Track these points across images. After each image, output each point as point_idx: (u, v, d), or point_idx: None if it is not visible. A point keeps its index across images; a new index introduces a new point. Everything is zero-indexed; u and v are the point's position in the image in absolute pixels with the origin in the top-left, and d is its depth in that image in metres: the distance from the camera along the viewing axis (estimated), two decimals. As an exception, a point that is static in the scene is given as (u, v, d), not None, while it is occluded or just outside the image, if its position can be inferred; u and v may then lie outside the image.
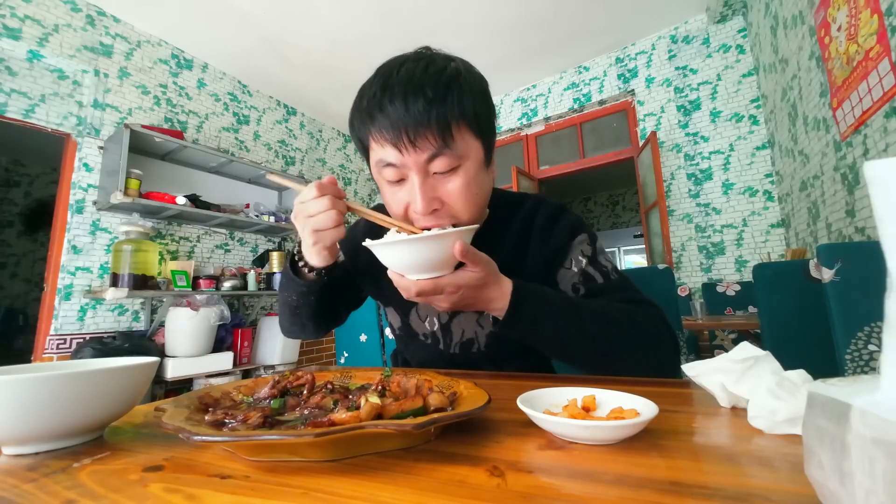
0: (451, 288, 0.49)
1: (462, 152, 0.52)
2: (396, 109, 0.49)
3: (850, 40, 1.58)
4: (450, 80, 0.51)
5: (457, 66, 0.54)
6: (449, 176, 0.53)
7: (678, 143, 2.95)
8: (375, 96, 0.51)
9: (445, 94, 0.50)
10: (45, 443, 0.32)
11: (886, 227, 0.15)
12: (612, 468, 0.24)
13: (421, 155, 0.50)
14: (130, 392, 0.35)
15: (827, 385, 0.17)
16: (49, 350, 2.20)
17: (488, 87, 0.58)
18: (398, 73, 0.51)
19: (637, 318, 0.56)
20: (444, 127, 0.50)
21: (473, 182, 0.54)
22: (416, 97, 0.49)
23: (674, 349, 0.57)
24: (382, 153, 0.52)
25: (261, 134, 3.46)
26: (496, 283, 0.52)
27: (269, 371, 2.87)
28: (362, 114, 0.53)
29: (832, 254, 0.92)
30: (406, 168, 0.52)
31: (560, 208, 0.69)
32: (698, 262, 2.81)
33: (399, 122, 0.49)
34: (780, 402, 0.29)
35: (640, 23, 3.02)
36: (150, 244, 2.42)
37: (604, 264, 0.64)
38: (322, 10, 2.68)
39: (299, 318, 0.68)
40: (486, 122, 0.56)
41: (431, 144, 0.50)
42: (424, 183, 0.52)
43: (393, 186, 0.54)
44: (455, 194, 0.53)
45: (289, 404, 0.37)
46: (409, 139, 0.49)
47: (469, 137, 0.53)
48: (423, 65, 0.52)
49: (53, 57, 2.32)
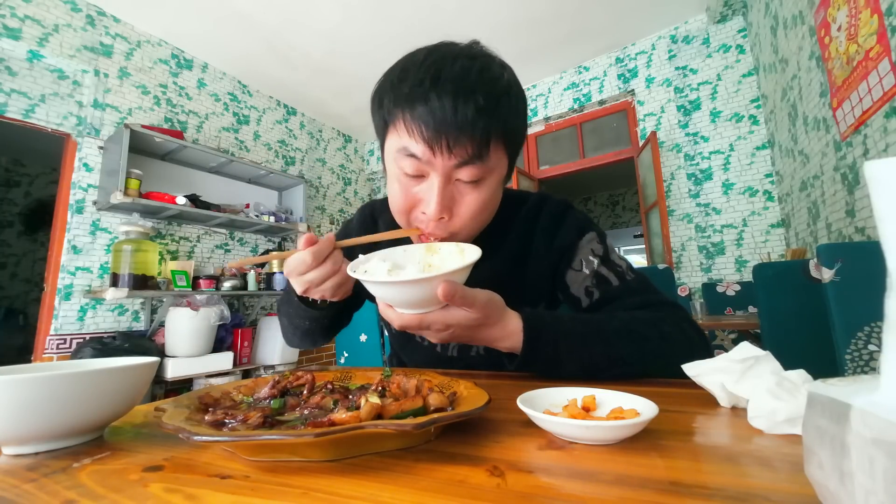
0: (439, 325, 0.44)
1: (491, 166, 0.50)
2: (444, 108, 0.45)
3: (850, 40, 1.58)
4: (503, 92, 0.49)
5: (509, 79, 0.51)
6: (471, 187, 0.50)
7: (678, 143, 2.95)
8: (423, 84, 0.46)
9: (496, 107, 0.47)
10: (45, 443, 0.32)
11: (886, 227, 0.15)
12: (612, 468, 0.24)
13: (452, 160, 0.48)
14: (130, 392, 0.35)
15: (827, 385, 0.17)
16: (49, 350, 2.20)
17: (527, 105, 0.56)
18: (453, 66, 0.47)
19: (665, 328, 0.51)
20: (485, 139, 0.47)
21: (490, 198, 0.52)
22: (467, 101, 0.45)
23: (705, 353, 0.51)
24: (408, 143, 0.48)
25: (261, 134, 3.46)
26: (499, 323, 0.46)
27: (269, 371, 2.87)
28: (399, 97, 0.48)
29: (832, 254, 0.92)
30: (431, 168, 0.49)
31: (565, 206, 0.66)
32: (698, 262, 2.81)
33: (442, 123, 0.46)
34: (780, 402, 0.29)
35: (640, 23, 3.02)
36: (150, 244, 2.42)
37: (618, 264, 0.60)
38: (322, 10, 2.68)
39: (311, 337, 0.66)
40: (520, 140, 0.54)
41: (466, 153, 0.47)
42: (445, 189, 0.49)
43: (407, 178, 0.51)
44: (471, 208, 0.51)
45: (289, 404, 0.37)
46: (448, 143, 0.46)
47: (501, 153, 0.51)
48: (478, 66, 0.48)
49: (53, 57, 2.32)
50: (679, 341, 0.51)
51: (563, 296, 0.64)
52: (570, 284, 0.61)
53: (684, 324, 0.54)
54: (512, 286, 0.63)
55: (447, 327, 0.44)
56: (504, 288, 0.66)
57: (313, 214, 3.84)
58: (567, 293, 0.62)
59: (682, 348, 0.50)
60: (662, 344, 0.50)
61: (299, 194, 3.42)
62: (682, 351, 0.49)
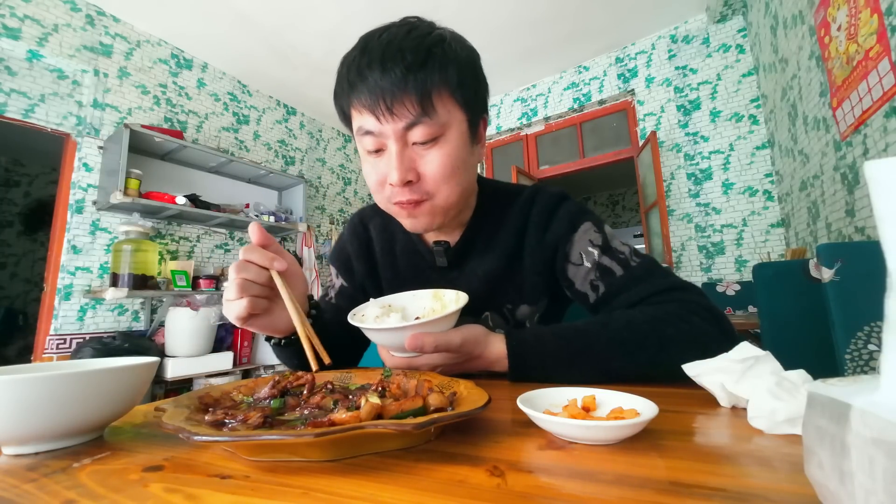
0: (428, 366, 0.47)
1: (443, 121, 0.50)
2: (373, 74, 0.46)
3: (850, 40, 1.58)
4: (432, 44, 0.48)
5: (442, 33, 0.51)
6: (429, 147, 0.50)
7: (678, 142, 2.95)
8: (355, 61, 0.49)
9: (426, 58, 0.47)
10: (46, 443, 0.32)
11: (886, 227, 0.15)
12: (612, 468, 0.24)
13: (398, 123, 0.48)
14: (131, 392, 0.35)
15: (827, 385, 0.17)
16: (49, 350, 2.20)
17: (478, 59, 0.55)
18: (379, 37, 0.49)
19: (668, 330, 0.47)
20: (424, 94, 0.47)
21: (455, 155, 0.51)
22: (394, 62, 0.46)
23: (724, 341, 0.46)
24: (361, 121, 0.50)
25: (261, 134, 3.46)
26: (484, 353, 0.48)
27: (269, 371, 2.87)
28: (342, 80, 0.51)
29: (832, 254, 0.92)
30: (384, 137, 0.49)
31: (558, 198, 0.63)
32: (698, 262, 2.81)
33: (376, 88, 0.46)
34: (779, 402, 0.29)
35: (640, 23, 3.02)
36: (150, 244, 2.42)
37: (620, 250, 0.57)
38: (322, 10, 2.68)
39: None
40: (473, 93, 0.53)
41: (410, 112, 0.47)
42: (402, 153, 0.49)
43: (372, 157, 0.52)
44: (434, 166, 0.50)
45: (289, 404, 0.37)
46: (387, 105, 0.47)
47: (452, 107, 0.51)
48: (405, 29, 0.49)
49: (53, 57, 2.32)
50: (684, 342, 0.47)
51: (571, 293, 0.62)
52: (574, 280, 0.59)
53: (694, 317, 0.49)
54: (509, 283, 0.63)
55: (436, 367, 0.48)
56: (501, 285, 0.65)
57: (313, 214, 3.84)
58: (573, 290, 0.60)
59: (687, 349, 0.45)
60: (660, 353, 0.47)
61: (299, 194, 3.42)
62: (688, 353, 0.42)
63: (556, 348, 0.48)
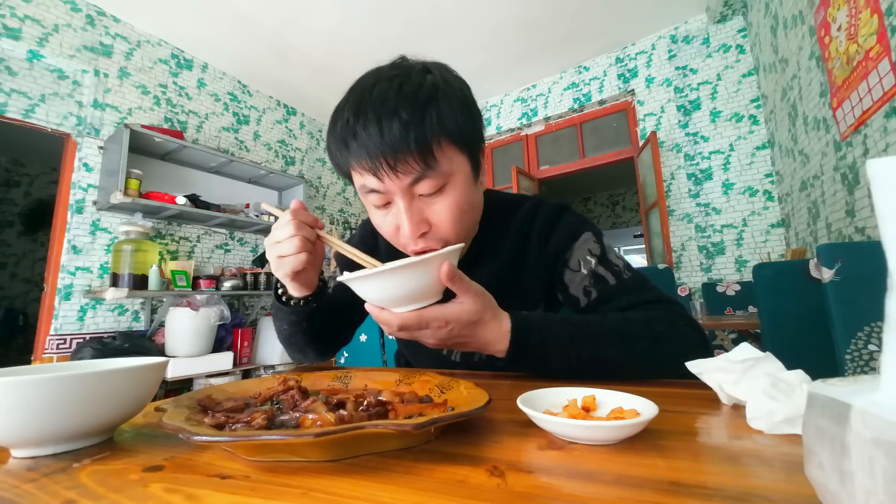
0: (439, 322, 0.44)
1: (447, 170, 0.49)
2: (371, 136, 0.46)
3: (850, 40, 1.58)
4: (427, 98, 0.48)
5: (433, 80, 0.50)
6: (436, 197, 0.50)
7: (678, 142, 2.95)
8: (349, 123, 0.48)
9: (423, 113, 0.47)
10: (58, 445, 0.31)
11: (887, 227, 0.15)
12: (612, 468, 0.24)
13: (404, 180, 0.48)
14: (142, 393, 0.34)
15: (827, 385, 0.17)
16: (49, 350, 2.20)
17: (470, 93, 0.54)
18: (371, 94, 0.48)
19: (658, 327, 0.51)
20: (425, 148, 0.47)
21: (462, 200, 0.52)
22: (390, 121, 0.45)
23: (702, 350, 0.51)
24: (364, 180, 0.50)
25: (261, 134, 3.46)
26: (494, 320, 0.47)
27: (270, 371, 2.87)
28: (338, 140, 0.50)
29: (832, 254, 0.92)
30: (390, 193, 0.50)
31: (560, 209, 0.65)
32: (698, 262, 2.81)
33: (376, 150, 0.46)
34: (775, 402, 0.29)
35: (640, 23, 3.02)
36: (150, 244, 2.42)
37: (615, 263, 0.60)
38: (322, 10, 2.68)
39: (297, 346, 0.65)
40: (472, 133, 0.52)
41: (413, 168, 0.47)
42: (410, 207, 0.50)
43: (380, 210, 0.53)
44: (444, 216, 0.51)
45: (285, 406, 0.37)
46: (389, 166, 0.46)
47: (453, 154, 0.50)
48: (396, 84, 0.48)
49: (53, 57, 2.32)
50: (673, 340, 0.51)
51: (563, 296, 0.64)
52: (569, 284, 0.61)
53: (680, 322, 0.53)
54: (509, 292, 0.64)
55: (446, 324, 0.44)
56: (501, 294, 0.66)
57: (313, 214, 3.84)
58: (566, 294, 0.62)
59: (675, 347, 0.49)
60: (653, 344, 0.49)
61: (299, 194, 3.42)
62: (676, 350, 0.48)
63: (560, 329, 0.50)
